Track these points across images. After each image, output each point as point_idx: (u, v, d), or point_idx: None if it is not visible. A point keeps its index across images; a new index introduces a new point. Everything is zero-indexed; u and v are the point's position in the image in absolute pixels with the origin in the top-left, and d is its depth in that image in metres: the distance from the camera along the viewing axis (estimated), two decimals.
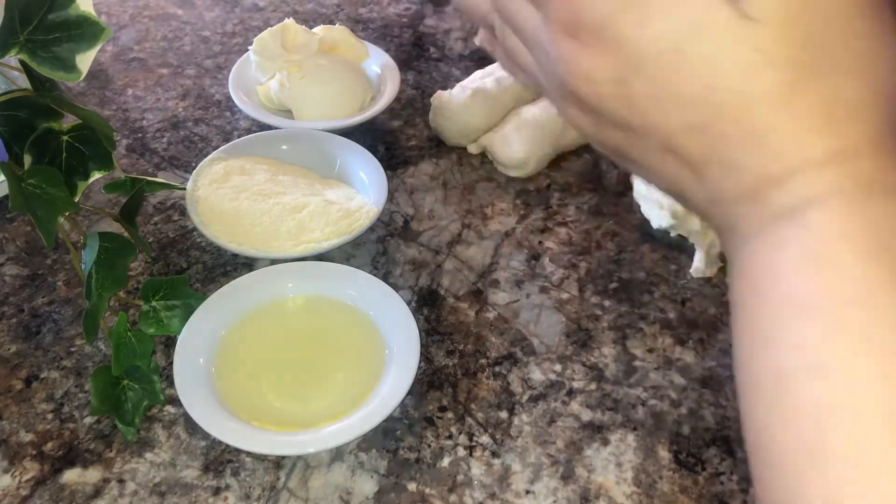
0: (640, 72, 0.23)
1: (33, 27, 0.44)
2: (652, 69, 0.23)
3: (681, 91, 0.22)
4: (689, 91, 0.22)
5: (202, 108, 0.73)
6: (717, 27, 0.21)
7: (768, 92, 0.21)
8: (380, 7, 0.88)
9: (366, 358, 0.49)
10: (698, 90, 0.22)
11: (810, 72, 0.21)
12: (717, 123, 0.22)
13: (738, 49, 0.21)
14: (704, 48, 0.22)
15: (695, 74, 0.22)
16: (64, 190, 0.46)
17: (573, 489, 0.45)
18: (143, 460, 0.46)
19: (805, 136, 0.22)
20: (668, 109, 0.23)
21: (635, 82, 0.23)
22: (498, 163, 0.66)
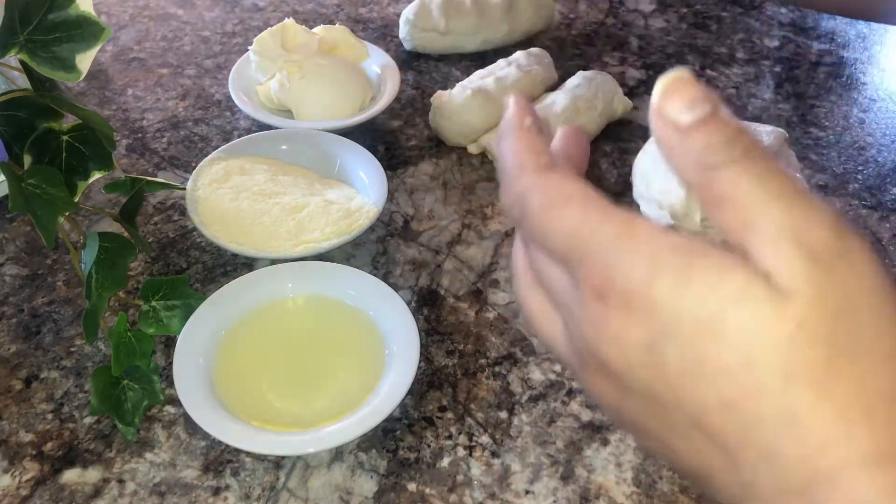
0: (673, 340, 0.22)
1: (33, 27, 0.44)
2: (686, 338, 0.21)
3: (716, 363, 0.21)
4: (726, 364, 0.21)
5: (202, 108, 0.73)
6: (757, 300, 0.21)
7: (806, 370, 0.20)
8: (380, 7, 0.88)
9: (366, 358, 0.49)
10: (735, 364, 0.21)
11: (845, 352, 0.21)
12: (752, 402, 0.21)
13: (778, 323, 0.20)
14: (744, 320, 0.21)
15: (732, 347, 0.21)
16: (64, 190, 0.46)
17: (573, 489, 0.45)
18: (142, 460, 0.46)
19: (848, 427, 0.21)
20: (700, 382, 0.22)
21: (667, 350, 0.22)
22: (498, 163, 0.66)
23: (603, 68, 0.78)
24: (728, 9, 0.90)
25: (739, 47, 0.84)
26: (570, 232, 0.24)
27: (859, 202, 0.65)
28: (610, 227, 0.23)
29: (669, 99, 0.23)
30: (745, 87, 0.78)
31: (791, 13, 0.90)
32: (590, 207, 0.24)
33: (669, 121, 0.23)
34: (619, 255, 0.23)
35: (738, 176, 0.22)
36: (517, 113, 0.29)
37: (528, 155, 0.27)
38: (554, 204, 0.25)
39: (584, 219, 0.24)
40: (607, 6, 0.90)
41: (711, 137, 0.22)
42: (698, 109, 0.22)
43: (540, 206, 0.25)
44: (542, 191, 0.25)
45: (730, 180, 0.22)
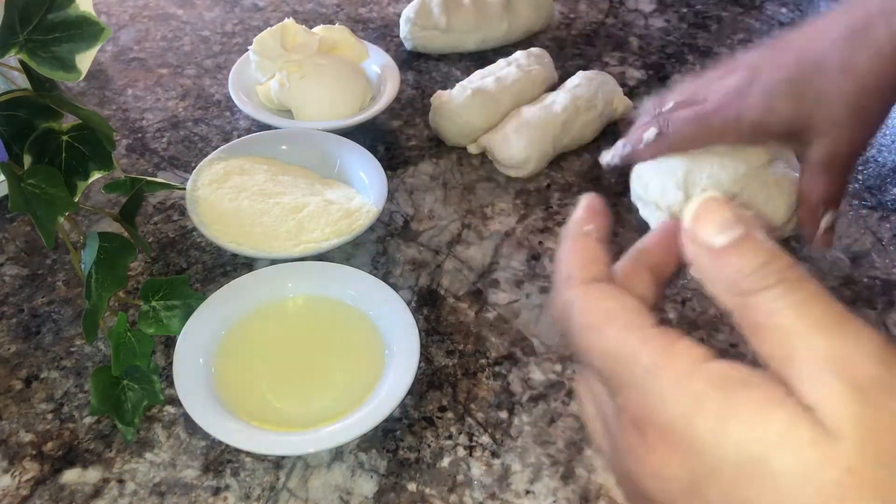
0: (715, 481, 0.21)
1: (33, 27, 0.44)
2: (729, 480, 0.21)
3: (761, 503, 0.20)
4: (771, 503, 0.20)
5: (202, 108, 0.73)
6: (802, 443, 0.20)
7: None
8: (380, 7, 0.88)
9: (366, 358, 0.49)
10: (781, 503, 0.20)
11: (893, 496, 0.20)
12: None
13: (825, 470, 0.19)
14: (788, 464, 0.20)
15: (777, 493, 0.20)
16: (64, 190, 0.46)
17: (573, 489, 0.45)
18: (142, 460, 0.46)
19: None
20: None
21: (710, 491, 0.21)
22: (498, 163, 0.66)
23: (603, 68, 0.78)
24: (728, 9, 0.90)
25: (739, 47, 0.84)
26: (608, 354, 0.23)
27: (859, 202, 0.65)
28: (649, 354, 0.22)
29: (701, 221, 0.22)
30: None
31: (791, 13, 0.90)
32: (630, 328, 0.23)
33: (702, 244, 0.22)
34: (657, 388, 0.22)
35: (775, 303, 0.21)
36: (581, 218, 0.28)
37: (577, 265, 0.26)
38: (594, 322, 0.24)
39: (623, 341, 0.23)
40: (607, 6, 0.90)
41: (744, 261, 0.21)
42: (730, 232, 0.22)
43: (581, 323, 0.24)
44: (583, 306, 0.25)
45: (766, 307, 0.21)
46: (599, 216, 0.28)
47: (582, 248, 0.27)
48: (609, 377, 0.24)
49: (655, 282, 0.28)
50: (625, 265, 0.28)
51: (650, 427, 0.22)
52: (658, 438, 0.22)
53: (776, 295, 0.21)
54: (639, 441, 0.23)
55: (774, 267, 0.21)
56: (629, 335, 0.23)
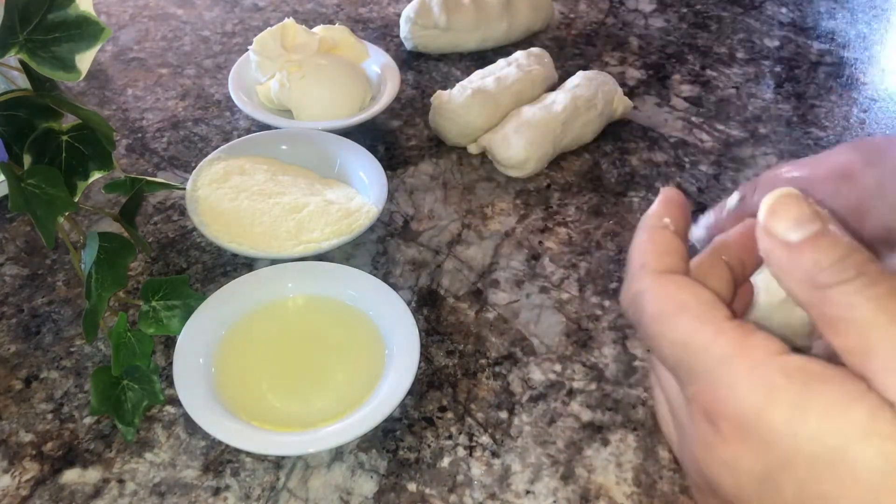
0: (790, 472, 0.21)
1: (33, 27, 0.44)
2: (805, 472, 0.20)
3: (839, 496, 0.20)
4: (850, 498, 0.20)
5: (202, 108, 0.73)
6: (883, 436, 0.19)
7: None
8: (380, 7, 0.88)
9: (366, 358, 0.49)
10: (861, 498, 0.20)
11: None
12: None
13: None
14: (869, 458, 0.19)
15: (857, 486, 0.20)
16: (64, 190, 0.45)
17: (573, 489, 0.45)
18: (142, 460, 0.46)
19: None
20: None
21: (784, 483, 0.21)
22: (498, 163, 0.66)
23: (603, 68, 0.78)
24: (728, 9, 0.90)
25: (739, 47, 0.84)
26: (680, 344, 0.23)
27: None
28: (722, 345, 0.22)
29: (776, 216, 0.22)
30: (745, 87, 0.78)
31: (791, 13, 0.90)
32: (703, 320, 0.23)
33: (777, 238, 0.22)
34: (731, 378, 0.22)
35: (854, 296, 0.21)
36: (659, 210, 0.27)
37: (652, 255, 0.26)
38: (666, 312, 0.24)
39: (695, 332, 0.23)
40: (607, 6, 0.90)
41: (822, 255, 0.21)
42: (807, 227, 0.22)
43: (652, 312, 0.24)
44: (656, 295, 0.24)
45: (845, 301, 0.21)
46: (677, 209, 0.27)
47: (658, 238, 0.26)
48: (680, 367, 0.23)
49: (732, 279, 0.27)
50: (702, 258, 0.28)
51: (722, 418, 0.22)
52: (730, 429, 0.22)
53: (855, 288, 0.21)
54: (710, 431, 0.22)
55: (853, 260, 0.21)
56: (702, 326, 0.23)
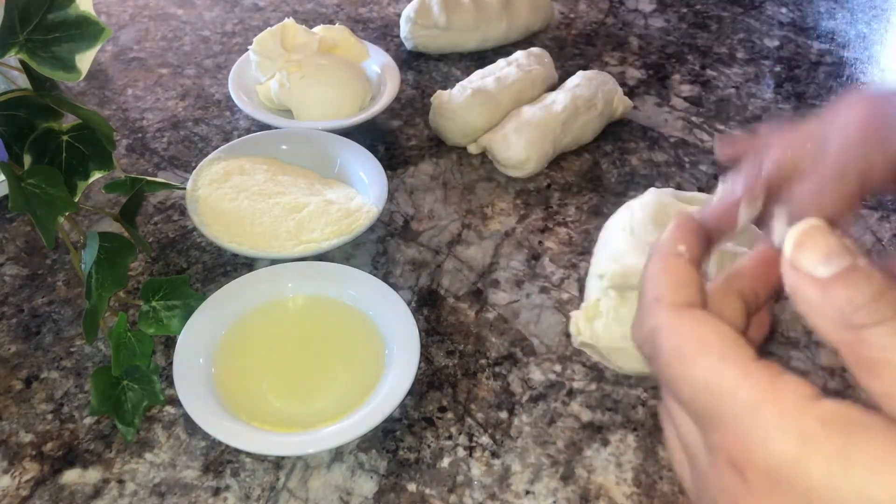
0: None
1: (33, 27, 0.44)
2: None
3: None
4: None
5: (202, 108, 0.73)
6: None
7: None
8: (380, 7, 0.88)
9: (366, 358, 0.49)
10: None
11: None
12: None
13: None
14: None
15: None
16: (64, 190, 0.45)
17: (573, 489, 0.45)
18: (142, 461, 0.46)
19: None
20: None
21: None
22: (498, 163, 0.66)
23: (603, 68, 0.78)
24: (728, 9, 0.90)
25: (739, 47, 0.84)
26: (703, 388, 0.21)
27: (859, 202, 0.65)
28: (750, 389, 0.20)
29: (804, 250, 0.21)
30: (745, 87, 0.78)
31: (791, 13, 0.90)
32: (728, 360, 0.21)
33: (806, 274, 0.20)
34: (760, 426, 0.20)
35: (891, 337, 0.19)
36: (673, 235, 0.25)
37: (667, 287, 0.24)
38: (686, 351, 0.22)
39: (719, 374, 0.21)
40: (607, 6, 0.90)
41: (855, 292, 0.20)
42: (837, 261, 0.20)
43: (671, 351, 0.22)
44: (674, 332, 0.23)
45: (881, 342, 0.19)
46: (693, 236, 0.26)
47: (673, 268, 0.24)
48: (702, 412, 0.22)
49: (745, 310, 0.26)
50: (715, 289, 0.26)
51: (751, 469, 0.20)
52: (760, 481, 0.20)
53: (893, 329, 0.19)
54: (737, 482, 0.21)
55: (889, 299, 0.20)
56: (727, 367, 0.21)
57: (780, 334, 0.54)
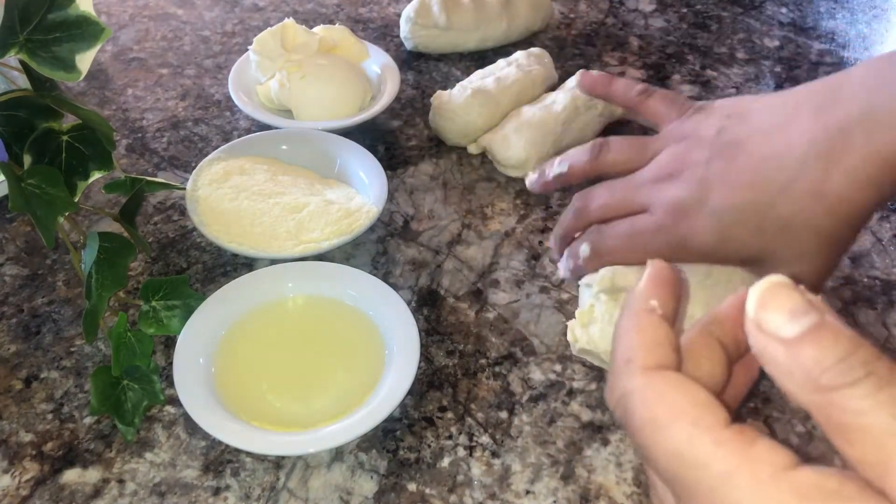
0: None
1: (33, 27, 0.44)
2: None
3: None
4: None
5: (202, 108, 0.73)
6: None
7: None
8: (380, 7, 0.88)
9: (366, 358, 0.49)
10: None
11: None
12: None
13: None
14: None
15: None
16: (64, 190, 0.46)
17: (573, 489, 0.45)
18: (142, 460, 0.46)
19: None
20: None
21: None
22: (498, 163, 0.66)
23: (603, 68, 0.78)
24: (728, 9, 0.90)
25: (739, 47, 0.84)
26: (675, 458, 0.21)
27: None
28: (723, 458, 0.20)
29: (768, 308, 0.20)
30: (745, 87, 0.78)
31: (791, 13, 0.90)
32: (699, 429, 0.21)
33: (772, 334, 0.20)
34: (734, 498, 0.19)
35: (864, 400, 0.18)
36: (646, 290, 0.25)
37: (638, 348, 0.23)
38: (659, 418, 0.21)
39: (691, 444, 0.20)
40: (607, 6, 0.90)
41: (824, 352, 0.19)
42: (804, 319, 0.19)
43: (643, 418, 0.22)
44: (646, 398, 0.22)
45: (854, 405, 0.19)
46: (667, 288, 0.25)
47: (645, 326, 0.24)
48: (675, 481, 0.21)
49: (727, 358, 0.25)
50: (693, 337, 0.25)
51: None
52: None
53: (865, 391, 0.18)
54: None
55: (859, 358, 0.19)
56: (699, 436, 0.20)
57: None
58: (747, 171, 0.41)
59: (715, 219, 0.41)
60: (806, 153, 0.39)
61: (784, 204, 0.39)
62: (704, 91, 0.77)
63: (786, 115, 0.41)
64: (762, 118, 0.42)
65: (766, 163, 0.40)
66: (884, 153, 0.36)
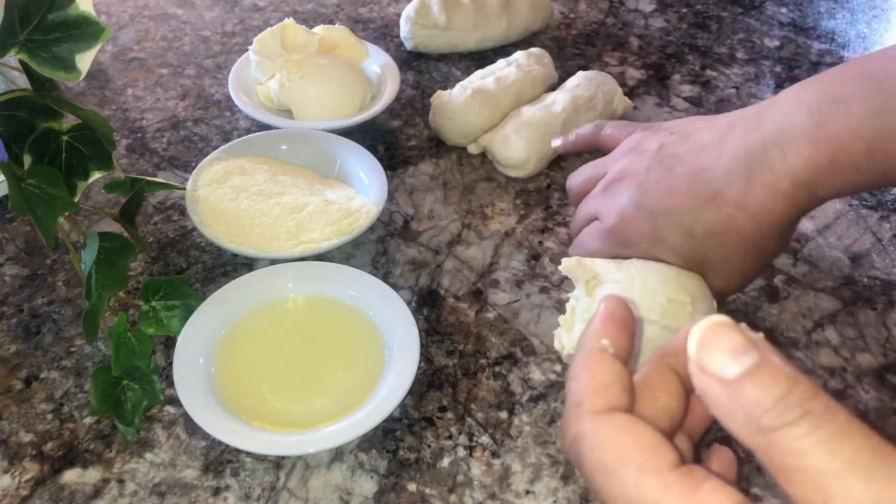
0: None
1: (33, 27, 0.44)
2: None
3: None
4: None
5: (202, 108, 0.73)
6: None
7: None
8: (380, 7, 0.88)
9: (366, 358, 0.49)
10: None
11: None
12: None
13: None
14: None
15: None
16: (64, 190, 0.46)
17: (573, 489, 0.45)
18: (142, 460, 0.46)
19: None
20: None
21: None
22: (498, 163, 0.66)
23: (603, 68, 0.78)
24: (728, 9, 0.90)
25: (739, 47, 0.84)
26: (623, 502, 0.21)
27: (859, 202, 0.65)
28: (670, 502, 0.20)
29: (709, 349, 0.20)
30: (745, 87, 0.78)
31: (791, 13, 0.90)
32: (646, 474, 0.21)
33: (713, 375, 0.20)
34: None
35: (803, 440, 0.19)
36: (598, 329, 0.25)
37: (588, 390, 0.24)
38: (607, 463, 0.22)
39: (638, 489, 0.21)
40: (607, 6, 0.90)
41: (763, 392, 0.19)
42: (744, 359, 0.20)
43: (593, 462, 0.22)
44: (595, 443, 0.22)
45: (793, 446, 0.19)
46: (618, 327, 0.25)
47: (595, 367, 0.24)
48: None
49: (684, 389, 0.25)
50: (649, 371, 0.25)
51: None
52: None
53: (803, 431, 0.19)
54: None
55: (796, 397, 0.19)
56: (646, 481, 0.21)
57: (780, 334, 0.54)
58: (681, 180, 0.45)
59: (651, 220, 0.46)
60: (732, 168, 0.43)
61: (711, 211, 0.43)
62: (704, 91, 0.77)
63: (720, 135, 0.45)
64: (701, 136, 0.46)
65: (697, 174, 0.44)
66: (794, 170, 0.40)
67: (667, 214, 0.45)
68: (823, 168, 0.39)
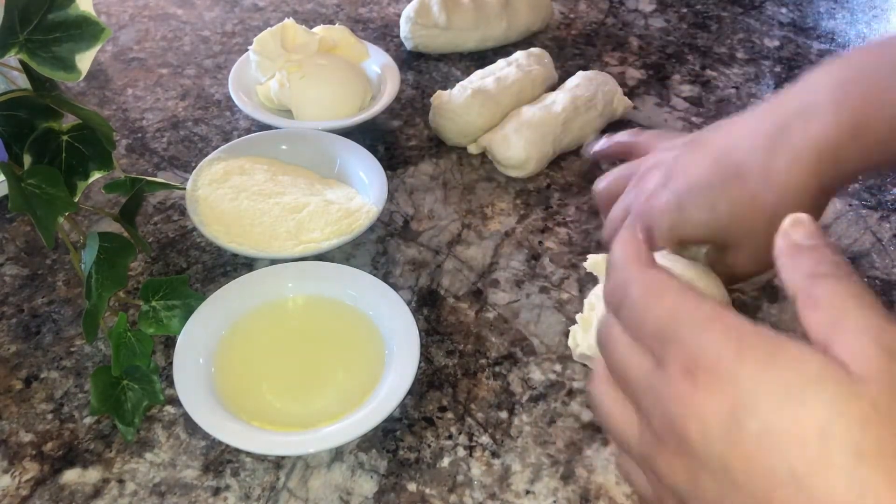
0: (753, 410, 0.24)
1: (33, 27, 0.44)
2: (766, 409, 0.23)
3: (792, 434, 0.23)
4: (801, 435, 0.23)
5: (202, 108, 0.73)
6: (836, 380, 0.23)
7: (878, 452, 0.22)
8: (380, 7, 0.88)
9: (366, 358, 0.49)
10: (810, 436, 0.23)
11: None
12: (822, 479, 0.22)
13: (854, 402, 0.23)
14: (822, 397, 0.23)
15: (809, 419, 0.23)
16: (64, 190, 0.46)
17: (573, 489, 0.45)
18: (142, 460, 0.46)
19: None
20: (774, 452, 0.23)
21: (747, 420, 0.24)
22: (498, 163, 0.66)
23: (603, 68, 0.78)
24: (728, 9, 0.90)
25: (739, 47, 0.84)
26: (665, 316, 0.27)
27: (859, 202, 0.65)
28: (702, 312, 0.26)
29: (795, 228, 0.29)
30: (745, 87, 0.78)
31: (791, 13, 0.90)
32: (685, 297, 0.27)
33: (793, 241, 0.28)
34: (709, 336, 0.26)
35: (836, 285, 0.26)
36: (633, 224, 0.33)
37: (635, 253, 0.30)
38: (653, 292, 0.28)
39: (678, 305, 0.27)
40: (607, 6, 0.90)
41: (822, 256, 0.27)
42: (814, 238, 0.28)
43: (640, 294, 0.29)
44: (643, 281, 0.29)
45: (829, 287, 0.26)
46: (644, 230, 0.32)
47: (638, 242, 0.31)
48: (662, 335, 0.27)
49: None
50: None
51: (699, 370, 0.25)
52: (705, 379, 0.25)
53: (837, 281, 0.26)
54: (685, 385, 0.25)
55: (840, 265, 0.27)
56: (685, 301, 0.27)
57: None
58: (707, 159, 0.47)
59: (675, 197, 0.47)
60: (755, 143, 0.44)
61: (735, 187, 0.45)
62: (704, 91, 0.77)
63: (745, 118, 0.47)
64: (729, 123, 0.49)
65: (721, 152, 0.46)
66: (816, 140, 0.42)
67: (691, 191, 0.46)
68: (846, 138, 0.40)
